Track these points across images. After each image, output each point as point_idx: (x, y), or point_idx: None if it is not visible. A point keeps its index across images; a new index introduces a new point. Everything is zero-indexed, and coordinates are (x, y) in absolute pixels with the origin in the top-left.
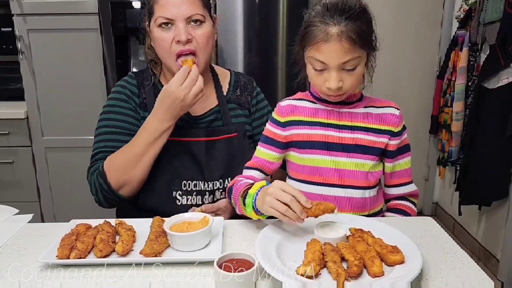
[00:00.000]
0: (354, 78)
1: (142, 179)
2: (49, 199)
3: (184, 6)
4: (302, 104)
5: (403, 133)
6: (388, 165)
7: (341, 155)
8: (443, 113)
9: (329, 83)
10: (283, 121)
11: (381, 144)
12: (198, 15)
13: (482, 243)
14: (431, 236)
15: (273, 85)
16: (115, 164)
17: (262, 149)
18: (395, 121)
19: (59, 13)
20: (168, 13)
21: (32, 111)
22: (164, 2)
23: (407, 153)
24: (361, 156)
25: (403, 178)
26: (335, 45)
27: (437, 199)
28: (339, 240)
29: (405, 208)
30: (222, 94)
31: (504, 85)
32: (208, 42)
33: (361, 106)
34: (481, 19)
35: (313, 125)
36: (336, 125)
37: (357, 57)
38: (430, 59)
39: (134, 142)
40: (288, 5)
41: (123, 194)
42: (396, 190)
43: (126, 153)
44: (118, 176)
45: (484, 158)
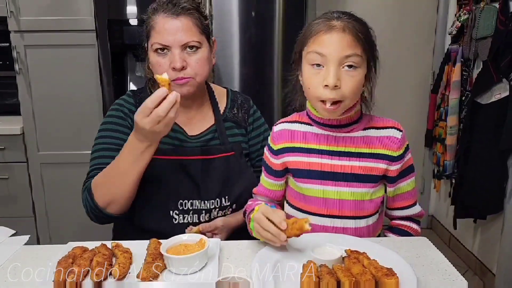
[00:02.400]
0: (353, 82)
1: (127, 197)
2: (44, 214)
3: (180, 33)
4: (297, 128)
5: (405, 156)
6: (390, 189)
7: (337, 184)
8: (438, 127)
9: (326, 79)
10: (276, 149)
11: (380, 170)
12: (193, 42)
13: (478, 256)
14: (426, 257)
15: (269, 98)
16: (100, 182)
17: (264, 178)
18: (395, 146)
19: (56, 30)
20: (163, 39)
21: (28, 127)
22: (160, 29)
23: (410, 174)
24: (359, 185)
25: (405, 201)
26: (338, 35)
27: (433, 211)
28: (335, 262)
29: (407, 228)
30: (219, 112)
31: (497, 100)
32: (203, 67)
33: (359, 128)
34: (473, 35)
35: (307, 152)
36: (332, 152)
37: (359, 55)
38: (425, 73)
39: (117, 160)
40: (284, 20)
41: (111, 212)
42: (399, 213)
43: (109, 171)
44: (102, 195)
45: (478, 172)
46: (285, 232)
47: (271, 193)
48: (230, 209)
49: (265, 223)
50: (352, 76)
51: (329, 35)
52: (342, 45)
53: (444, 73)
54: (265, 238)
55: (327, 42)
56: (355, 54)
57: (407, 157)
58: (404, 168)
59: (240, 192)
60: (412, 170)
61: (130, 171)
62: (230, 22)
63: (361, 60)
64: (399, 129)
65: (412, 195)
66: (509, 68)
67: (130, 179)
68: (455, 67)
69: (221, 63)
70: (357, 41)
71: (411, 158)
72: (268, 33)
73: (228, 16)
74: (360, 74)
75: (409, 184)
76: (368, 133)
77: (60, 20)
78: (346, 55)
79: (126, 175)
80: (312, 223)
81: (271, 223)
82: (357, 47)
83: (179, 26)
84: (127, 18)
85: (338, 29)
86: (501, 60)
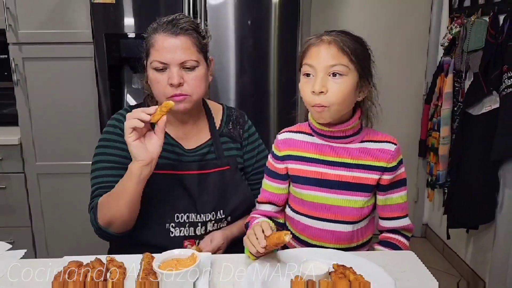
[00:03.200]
0: (339, 89)
1: (126, 219)
2: (41, 224)
3: (178, 52)
4: (299, 137)
5: (398, 168)
6: (380, 198)
7: (334, 192)
8: (431, 137)
9: (313, 86)
10: (280, 155)
11: (373, 180)
12: (191, 61)
13: (470, 265)
14: (411, 271)
15: (266, 107)
16: (102, 202)
17: (268, 182)
18: (389, 157)
19: (54, 42)
20: (162, 57)
21: (26, 137)
22: (160, 47)
23: (401, 187)
24: (354, 194)
25: (395, 212)
26: (324, 47)
27: (427, 220)
28: (322, 277)
29: (395, 241)
30: (215, 128)
31: (487, 112)
32: (200, 85)
33: (357, 140)
34: (465, 48)
35: (307, 161)
36: (331, 162)
37: (344, 65)
38: (418, 84)
39: (120, 181)
40: (279, 28)
41: (113, 231)
42: (388, 223)
43: (112, 191)
44: (103, 215)
45: (470, 182)
46: (266, 240)
47: (276, 197)
48: (225, 222)
49: (255, 227)
50: (338, 83)
51: (317, 48)
52: (327, 56)
53: (437, 84)
54: (249, 239)
55: (315, 53)
56: (340, 64)
57: (400, 171)
58: (396, 180)
59: (236, 205)
60: (404, 184)
61: (122, 192)
62: (226, 30)
63: (346, 70)
64: (394, 143)
65: (402, 208)
66: (499, 80)
67: (124, 200)
68: (447, 78)
69: (217, 73)
70: (341, 52)
71: (404, 172)
72: (264, 42)
73: (224, 24)
74: (346, 82)
75: (400, 197)
76: (365, 145)
77: (58, 33)
78: (331, 64)
79: (119, 196)
80: (307, 224)
81: (259, 227)
82: (341, 58)
83: (178, 45)
84: (124, 32)
85: (325, 42)
86: (491, 72)
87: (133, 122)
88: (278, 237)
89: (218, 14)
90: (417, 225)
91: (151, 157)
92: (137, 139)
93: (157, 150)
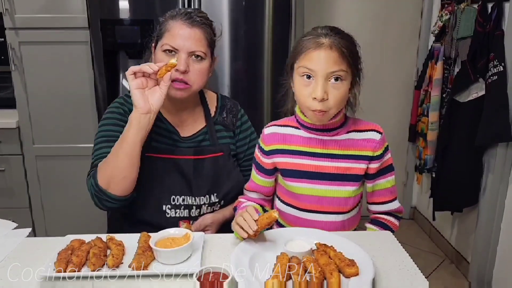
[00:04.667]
0: (339, 94)
1: (126, 174)
2: (39, 206)
3: (191, 40)
4: (286, 131)
5: (384, 155)
6: (368, 185)
7: (322, 183)
8: (420, 122)
9: (315, 92)
10: (266, 150)
11: (360, 170)
12: (200, 52)
13: (455, 246)
14: (387, 250)
15: (259, 96)
16: (103, 161)
17: (255, 174)
18: (375, 145)
19: (50, 28)
20: (175, 43)
21: (24, 121)
22: (175, 33)
23: (389, 173)
24: (342, 184)
25: (383, 197)
26: (325, 53)
27: (415, 203)
28: (305, 254)
29: (385, 221)
30: (210, 116)
31: (474, 99)
32: (202, 77)
33: (343, 132)
34: (454, 35)
35: (295, 154)
36: (318, 154)
37: (345, 71)
38: (409, 70)
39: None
40: (273, 18)
41: (112, 193)
42: (377, 207)
43: (112, 150)
44: (103, 171)
45: (455, 167)
46: (257, 223)
47: (262, 189)
48: (218, 205)
49: (243, 212)
50: (338, 88)
51: (317, 52)
52: (329, 62)
53: (427, 70)
54: (238, 224)
55: (315, 58)
56: (341, 70)
57: (386, 157)
58: (383, 167)
59: (228, 189)
60: (391, 169)
61: (121, 143)
62: (221, 19)
63: (346, 74)
64: (379, 131)
65: (390, 192)
66: (485, 68)
67: (123, 151)
68: (437, 65)
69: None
70: (342, 57)
71: (390, 158)
72: (259, 30)
73: (219, 13)
74: (345, 86)
75: (388, 182)
76: (351, 136)
77: (54, 17)
78: (332, 70)
79: (119, 148)
80: (298, 216)
81: (247, 213)
82: (342, 63)
83: (191, 34)
84: (119, 18)
85: (326, 46)
86: (478, 60)
87: (137, 67)
88: (268, 217)
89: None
90: (405, 208)
91: (150, 108)
92: (140, 88)
93: (157, 103)
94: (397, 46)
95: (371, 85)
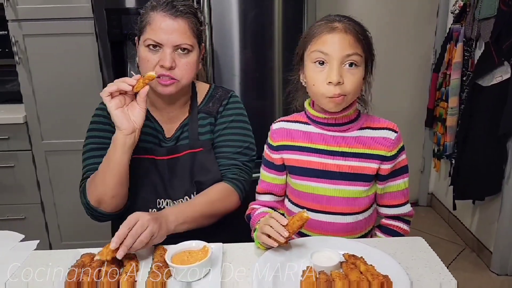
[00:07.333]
0: (354, 80)
1: (116, 193)
2: (51, 202)
3: (175, 34)
4: (295, 127)
5: (398, 156)
6: (379, 187)
7: (332, 182)
8: (438, 107)
9: (330, 77)
10: (275, 145)
11: (372, 170)
12: (186, 45)
13: (476, 234)
14: (421, 259)
15: (271, 80)
16: (91, 179)
17: (266, 173)
18: (389, 145)
19: (54, 18)
20: (158, 37)
21: (31, 116)
22: (157, 26)
23: (402, 175)
24: (352, 184)
25: (394, 200)
26: (340, 35)
27: (432, 189)
28: (333, 268)
29: (396, 228)
30: (195, 106)
31: (498, 83)
32: (190, 70)
33: (355, 128)
34: (476, 15)
35: (304, 151)
36: (327, 151)
37: (359, 55)
38: (426, 52)
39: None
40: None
41: (104, 210)
42: (387, 211)
43: (99, 167)
44: (92, 191)
45: (477, 154)
46: (287, 227)
47: (275, 188)
48: None
49: (268, 220)
50: (353, 74)
51: (331, 35)
52: (344, 45)
53: (446, 53)
54: (265, 233)
55: (330, 41)
56: (356, 53)
57: (401, 158)
58: (396, 168)
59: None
60: (405, 171)
61: (108, 164)
62: (230, 7)
63: (361, 60)
64: (395, 130)
65: (402, 195)
66: (511, 50)
67: (110, 172)
68: (457, 47)
69: (221, 48)
70: (358, 41)
71: (405, 159)
72: (269, 13)
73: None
74: (360, 72)
75: (399, 184)
76: (363, 133)
77: (57, 7)
78: (348, 54)
79: (106, 169)
80: None
81: (273, 219)
82: (357, 47)
83: (175, 27)
84: (125, 7)
85: (340, 29)
86: (503, 42)
87: (113, 87)
88: (299, 219)
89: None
90: (423, 194)
91: (134, 127)
92: (119, 108)
93: (139, 120)
94: (413, 27)
95: (386, 67)
